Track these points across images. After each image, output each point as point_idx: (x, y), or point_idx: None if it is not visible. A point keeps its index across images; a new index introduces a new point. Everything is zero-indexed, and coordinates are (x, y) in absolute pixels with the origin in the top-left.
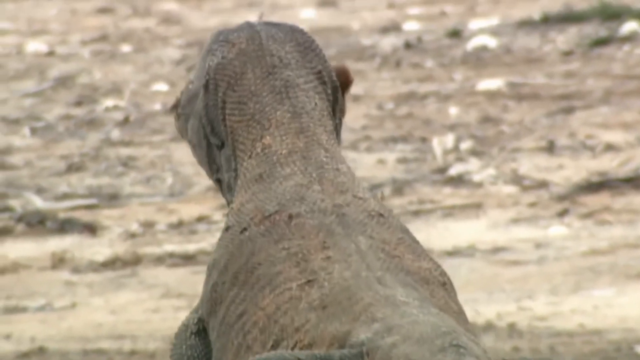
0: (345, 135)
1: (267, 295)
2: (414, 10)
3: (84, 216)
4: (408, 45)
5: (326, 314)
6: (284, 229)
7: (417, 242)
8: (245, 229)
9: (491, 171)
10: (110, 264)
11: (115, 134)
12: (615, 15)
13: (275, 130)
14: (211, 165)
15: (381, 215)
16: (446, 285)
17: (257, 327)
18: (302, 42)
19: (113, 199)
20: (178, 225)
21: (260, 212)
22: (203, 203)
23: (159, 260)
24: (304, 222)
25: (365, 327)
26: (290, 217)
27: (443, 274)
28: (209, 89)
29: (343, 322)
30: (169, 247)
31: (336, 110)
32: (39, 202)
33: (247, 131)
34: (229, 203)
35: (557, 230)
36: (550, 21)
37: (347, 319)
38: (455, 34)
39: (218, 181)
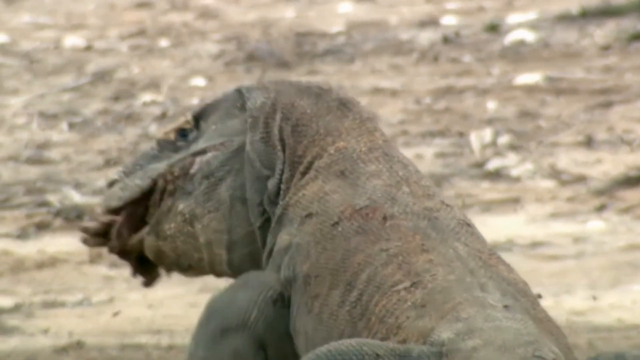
0: (383, 130)
1: (379, 301)
2: (452, 5)
3: None
4: (446, 40)
5: (423, 311)
6: (379, 229)
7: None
8: (337, 223)
9: (529, 166)
10: None
11: (153, 128)
12: None
13: (347, 135)
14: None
15: (468, 225)
16: (539, 299)
17: (371, 332)
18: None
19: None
20: None
21: (350, 206)
22: None
23: None
24: (399, 224)
25: (448, 325)
26: (385, 217)
27: (530, 289)
28: (257, 126)
29: (432, 318)
30: None
31: None
32: (76, 197)
33: (312, 145)
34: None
35: (595, 224)
36: (588, 15)
37: (436, 316)
38: (493, 28)
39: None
